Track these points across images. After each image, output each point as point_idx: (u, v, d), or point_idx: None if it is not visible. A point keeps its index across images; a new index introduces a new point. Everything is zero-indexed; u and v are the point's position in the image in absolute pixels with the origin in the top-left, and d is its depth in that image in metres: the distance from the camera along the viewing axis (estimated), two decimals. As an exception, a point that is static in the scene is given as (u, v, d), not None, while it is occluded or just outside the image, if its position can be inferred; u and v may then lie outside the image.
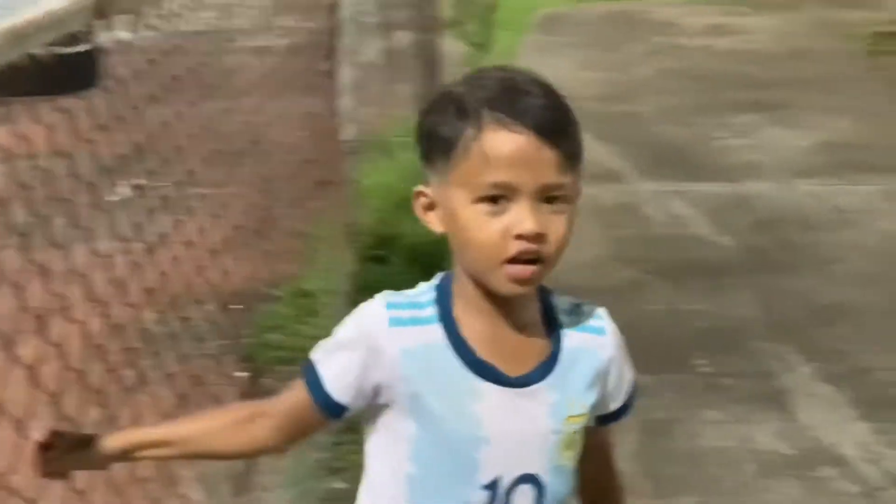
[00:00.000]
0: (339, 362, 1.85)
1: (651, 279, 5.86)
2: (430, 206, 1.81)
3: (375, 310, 1.84)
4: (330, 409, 1.88)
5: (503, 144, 1.72)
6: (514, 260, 1.73)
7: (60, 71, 2.30)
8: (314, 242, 4.93)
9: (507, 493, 1.83)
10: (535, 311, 1.85)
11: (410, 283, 1.90)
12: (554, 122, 1.73)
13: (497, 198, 1.73)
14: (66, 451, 1.96)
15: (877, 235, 6.37)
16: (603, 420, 1.94)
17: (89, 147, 2.64)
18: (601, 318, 1.91)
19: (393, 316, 1.83)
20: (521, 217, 1.72)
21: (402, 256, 5.50)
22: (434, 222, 1.81)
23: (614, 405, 1.93)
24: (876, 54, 10.51)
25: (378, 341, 1.82)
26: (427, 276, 5.40)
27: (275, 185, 4.11)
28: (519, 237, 1.72)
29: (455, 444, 1.82)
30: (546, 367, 1.84)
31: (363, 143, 6.06)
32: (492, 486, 1.83)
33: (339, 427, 4.13)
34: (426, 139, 1.82)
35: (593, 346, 1.88)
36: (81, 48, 2.53)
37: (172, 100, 3.14)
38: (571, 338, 1.86)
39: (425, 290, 1.87)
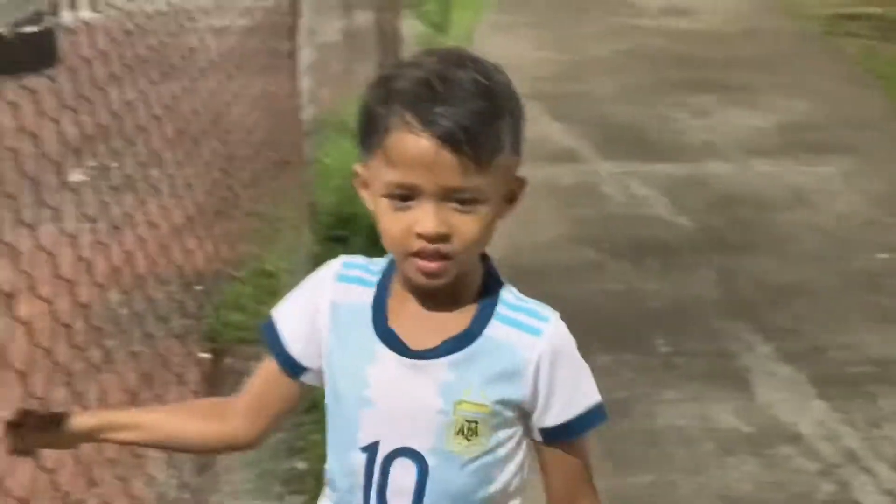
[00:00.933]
0: (292, 312, 1.94)
1: (609, 259, 5.90)
2: (365, 185, 1.82)
3: (331, 264, 1.93)
4: (290, 365, 1.93)
5: (405, 147, 1.71)
6: (419, 254, 1.75)
7: (20, 50, 2.29)
8: (275, 222, 4.93)
9: (386, 462, 1.84)
10: (467, 293, 1.84)
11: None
12: (462, 129, 1.69)
13: (404, 195, 1.73)
14: (34, 430, 1.97)
15: (832, 216, 6.44)
16: (547, 436, 1.87)
17: (54, 127, 2.64)
18: (543, 321, 1.86)
19: (342, 273, 1.91)
20: (422, 217, 1.72)
21: (362, 236, 5.50)
22: (368, 201, 1.82)
23: (552, 418, 1.85)
24: (832, 35, 10.59)
25: (321, 292, 1.90)
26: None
27: (236, 166, 4.11)
28: (420, 236, 1.73)
29: (344, 400, 1.86)
30: (451, 346, 1.82)
31: (323, 124, 6.05)
32: (369, 450, 1.84)
33: (301, 407, 4.14)
34: (358, 119, 1.82)
35: (518, 343, 1.83)
36: (40, 27, 2.52)
37: (135, 80, 3.13)
38: (498, 329, 1.83)
39: (384, 259, 1.90)
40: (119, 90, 3.02)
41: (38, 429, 1.98)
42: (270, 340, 1.94)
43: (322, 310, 1.90)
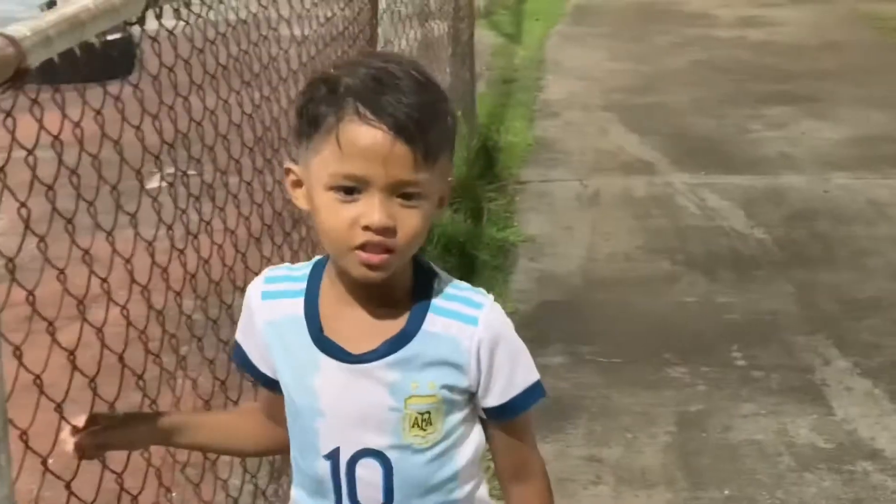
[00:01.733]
0: (245, 335, 1.99)
1: (684, 271, 5.85)
2: (298, 184, 1.86)
3: (255, 283, 1.98)
4: (267, 383, 2.00)
5: (358, 138, 1.74)
6: (363, 247, 1.77)
7: (103, 58, 2.31)
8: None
9: (350, 465, 1.89)
10: (400, 290, 1.88)
11: (445, 272, 1.96)
12: (413, 121, 1.74)
13: (351, 188, 1.76)
14: (100, 433, 2.01)
15: (912, 230, 6.34)
16: (490, 414, 1.93)
17: (135, 133, 2.66)
18: (478, 308, 1.89)
19: (266, 289, 1.95)
20: (369, 209, 1.75)
21: (437, 245, 5.51)
22: (300, 199, 1.86)
23: (494, 399, 1.90)
24: (910, 47, 10.46)
25: (253, 314, 1.95)
26: (462, 265, 5.45)
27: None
28: (366, 228, 1.76)
29: (300, 413, 1.92)
30: (391, 347, 1.86)
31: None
32: (332, 457, 1.90)
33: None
34: (297, 117, 1.86)
35: (457, 333, 1.86)
36: (120, 35, 2.56)
37: (216, 88, 3.15)
38: (434, 322, 1.87)
39: (306, 265, 1.95)
40: (200, 97, 3.04)
41: (103, 432, 2.02)
42: (244, 365, 2.02)
43: (259, 331, 1.95)
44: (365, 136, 1.73)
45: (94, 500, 2.36)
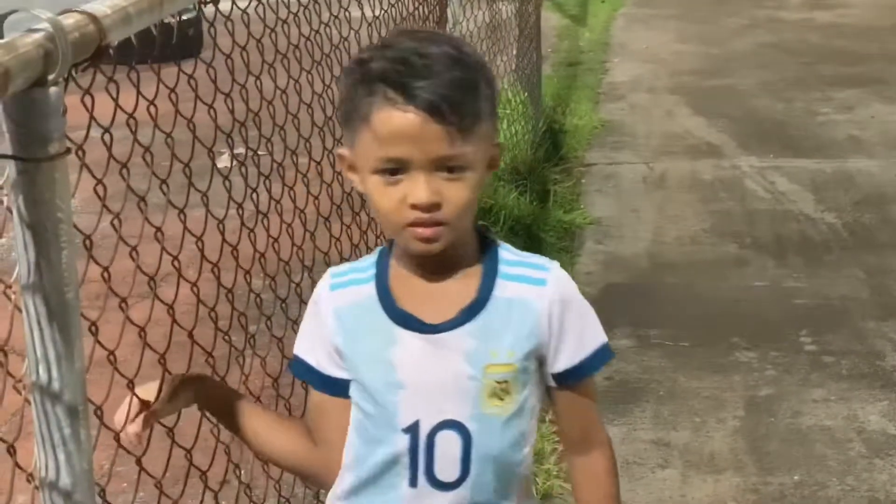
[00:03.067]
0: (309, 342, 1.99)
1: (752, 254, 5.80)
2: (353, 168, 1.89)
3: (322, 281, 2.00)
4: (329, 385, 1.97)
5: (391, 122, 1.78)
6: (414, 224, 1.81)
7: (176, 38, 2.33)
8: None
9: (429, 438, 1.89)
10: (468, 261, 1.91)
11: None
12: (445, 99, 1.76)
13: (394, 169, 1.80)
14: (163, 402, 2.02)
15: (985, 214, 6.24)
16: (560, 379, 1.94)
17: (207, 112, 2.66)
18: (545, 271, 1.92)
19: (334, 282, 1.98)
20: (414, 188, 1.79)
21: (503, 227, 5.50)
22: (357, 183, 1.89)
23: (564, 363, 1.92)
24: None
25: (320, 306, 1.97)
26: (528, 247, 5.44)
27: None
28: (414, 206, 1.80)
29: (374, 389, 1.91)
30: (467, 315, 1.88)
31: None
32: (411, 431, 1.89)
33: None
34: (340, 105, 1.89)
35: (528, 296, 1.89)
36: (192, 15, 2.58)
37: (287, 67, 3.16)
38: (506, 288, 1.90)
39: (370, 256, 1.99)
40: (271, 77, 3.04)
41: (165, 400, 2.03)
42: (304, 374, 2.01)
43: (328, 323, 1.95)
44: (398, 120, 1.77)
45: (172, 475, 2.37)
